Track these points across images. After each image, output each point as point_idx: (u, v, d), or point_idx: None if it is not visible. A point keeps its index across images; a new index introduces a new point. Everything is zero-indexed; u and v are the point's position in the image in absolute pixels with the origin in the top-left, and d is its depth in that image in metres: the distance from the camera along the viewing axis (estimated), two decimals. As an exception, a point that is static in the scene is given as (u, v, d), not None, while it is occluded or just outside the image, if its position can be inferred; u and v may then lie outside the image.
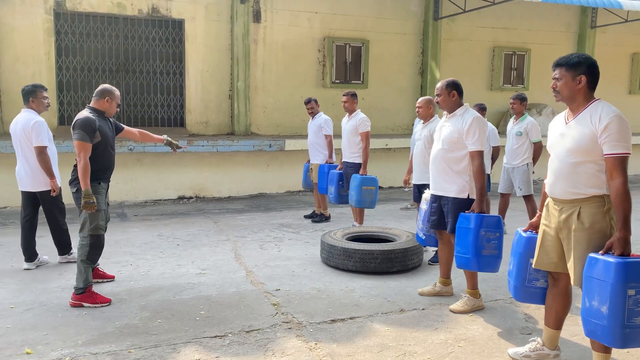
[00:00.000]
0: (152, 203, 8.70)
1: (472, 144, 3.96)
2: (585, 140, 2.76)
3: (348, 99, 6.58)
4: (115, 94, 4.30)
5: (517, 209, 7.02)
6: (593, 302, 2.63)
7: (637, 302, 2.53)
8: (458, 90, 4.09)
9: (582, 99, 2.85)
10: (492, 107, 11.08)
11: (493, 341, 3.56)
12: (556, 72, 2.91)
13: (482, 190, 3.93)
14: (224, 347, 3.42)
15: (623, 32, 12.60)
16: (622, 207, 2.65)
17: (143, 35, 9.43)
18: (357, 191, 6.10)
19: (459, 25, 11.37)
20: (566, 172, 2.85)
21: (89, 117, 4.11)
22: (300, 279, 4.81)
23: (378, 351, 3.38)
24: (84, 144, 4.02)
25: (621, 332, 2.55)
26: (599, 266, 2.63)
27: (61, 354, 3.28)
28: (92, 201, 3.99)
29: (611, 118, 2.69)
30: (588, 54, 2.99)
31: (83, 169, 3.98)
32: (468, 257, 3.87)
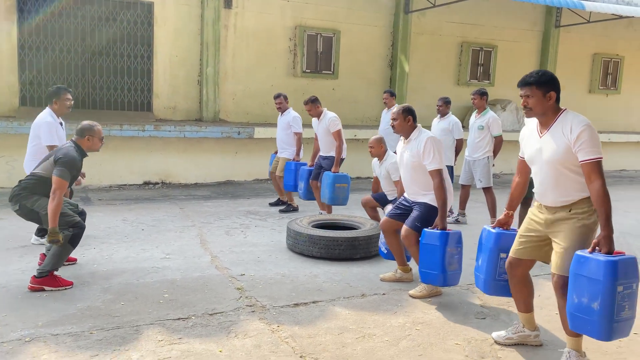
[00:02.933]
0: (117, 188, 8.58)
1: (430, 163, 4.11)
2: (561, 151, 2.94)
3: (310, 106, 6.66)
4: (95, 130, 4.25)
5: (477, 201, 7.23)
6: (582, 299, 2.75)
7: (623, 297, 2.69)
8: (413, 115, 4.28)
9: (551, 112, 3.03)
10: (459, 102, 11.33)
11: (449, 325, 3.71)
12: (525, 90, 3.05)
13: (444, 207, 4.07)
14: (187, 329, 3.46)
15: (585, 32, 13.02)
16: (603, 208, 2.81)
17: (111, 16, 9.24)
18: (330, 189, 6.21)
19: (429, 19, 11.53)
20: (552, 183, 3.02)
21: (75, 159, 4.12)
22: (265, 264, 4.87)
23: (338, 333, 3.48)
24: (64, 182, 3.99)
25: (610, 326, 2.70)
26: (589, 265, 2.73)
27: (21, 335, 3.26)
28: (58, 239, 3.96)
29: (582, 128, 2.87)
30: (548, 70, 3.13)
31: (56, 207, 3.92)
32: (435, 273, 4.00)
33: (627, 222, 7.16)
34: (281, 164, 7.21)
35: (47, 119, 5.12)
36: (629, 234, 6.51)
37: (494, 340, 3.46)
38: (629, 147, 13.47)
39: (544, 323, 3.65)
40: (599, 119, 13.80)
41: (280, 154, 7.34)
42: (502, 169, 11.35)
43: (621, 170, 13.49)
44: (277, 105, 7.36)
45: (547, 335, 3.56)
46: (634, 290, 2.74)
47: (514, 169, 11.72)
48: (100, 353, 3.08)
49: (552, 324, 3.70)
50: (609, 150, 13.10)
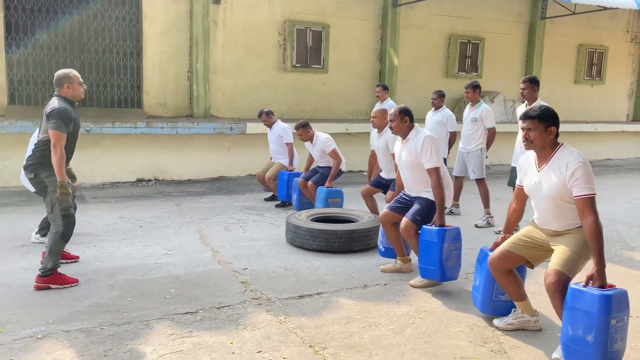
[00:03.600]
0: (110, 185, 8.56)
1: (427, 162, 4.19)
2: (557, 187, 3.07)
3: (301, 131, 6.77)
4: (71, 76, 4.19)
5: (471, 192, 7.35)
6: (577, 331, 2.84)
7: (616, 330, 2.80)
8: (410, 116, 4.35)
9: (550, 147, 3.15)
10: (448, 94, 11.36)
11: (451, 312, 3.81)
12: (527, 123, 3.15)
13: (441, 204, 4.15)
14: (196, 322, 3.51)
15: (570, 24, 13.22)
16: (596, 244, 2.91)
17: (98, 12, 9.18)
18: (323, 203, 6.33)
19: (417, 12, 11.62)
20: (555, 214, 3.16)
21: (66, 107, 4.07)
22: (266, 258, 4.93)
23: (345, 323, 3.56)
24: (61, 134, 3.97)
25: (603, 358, 2.79)
26: (584, 298, 2.82)
27: (32, 332, 3.29)
28: (68, 191, 3.98)
29: (576, 165, 3.00)
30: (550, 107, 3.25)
31: (60, 160, 3.92)
32: (433, 269, 4.09)
33: (615, 210, 7.34)
34: (276, 167, 7.29)
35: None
36: (618, 222, 6.68)
37: (496, 326, 3.57)
38: (614, 136, 13.73)
39: (542, 309, 3.76)
40: (584, 109, 14.08)
41: (276, 160, 7.43)
42: (492, 161, 11.51)
43: (607, 159, 13.76)
44: (264, 122, 7.49)
45: (546, 320, 3.67)
46: (625, 322, 2.85)
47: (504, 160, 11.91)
48: (114, 347, 3.12)
49: (550, 310, 3.79)
50: (594, 139, 13.37)
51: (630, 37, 14.70)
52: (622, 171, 11.88)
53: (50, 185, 4.06)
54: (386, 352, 3.18)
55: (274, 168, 7.31)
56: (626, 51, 14.73)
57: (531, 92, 5.52)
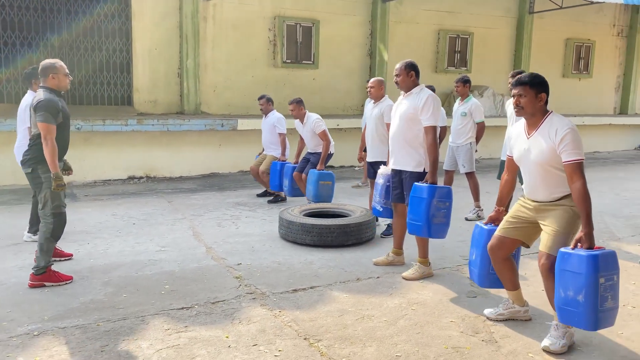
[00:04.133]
0: (102, 183, 8.55)
1: (427, 119, 4.22)
2: (547, 153, 3.12)
3: (294, 106, 6.74)
4: (56, 67, 4.14)
5: (461, 186, 7.42)
6: (568, 293, 2.93)
7: (606, 288, 2.87)
8: (416, 71, 4.36)
9: (540, 114, 3.20)
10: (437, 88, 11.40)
11: (443, 304, 3.88)
12: (518, 89, 3.20)
13: (435, 163, 4.21)
14: (192, 317, 3.55)
15: (558, 18, 13.33)
16: (584, 206, 2.99)
17: (87, 10, 9.13)
18: (315, 186, 6.33)
19: (406, 7, 11.67)
20: (542, 182, 3.21)
21: (52, 98, 4.03)
22: (260, 253, 4.97)
23: (338, 315, 3.62)
24: (50, 126, 3.95)
25: (596, 316, 2.87)
26: (572, 260, 2.91)
27: (28, 329, 3.31)
28: (63, 183, 3.99)
29: (566, 131, 3.06)
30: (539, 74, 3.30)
31: (52, 152, 3.92)
32: (420, 224, 4.15)
33: (602, 202, 7.45)
34: (268, 160, 7.30)
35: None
36: (605, 213, 6.79)
37: (486, 316, 3.64)
38: (601, 129, 13.88)
39: (531, 299, 3.84)
40: (572, 103, 14.22)
41: (268, 152, 7.44)
42: (482, 154, 11.61)
43: (594, 152, 13.91)
44: (260, 106, 7.43)
45: (535, 310, 3.75)
46: (615, 282, 2.93)
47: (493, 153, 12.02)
48: (110, 343, 3.15)
49: (539, 300, 3.90)
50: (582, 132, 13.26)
51: (616, 31, 14.86)
52: (610, 163, 12.04)
53: (45, 181, 4.06)
54: (379, 343, 3.23)
55: (267, 161, 7.31)
56: (613, 45, 14.89)
57: None
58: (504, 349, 3.21)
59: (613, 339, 3.34)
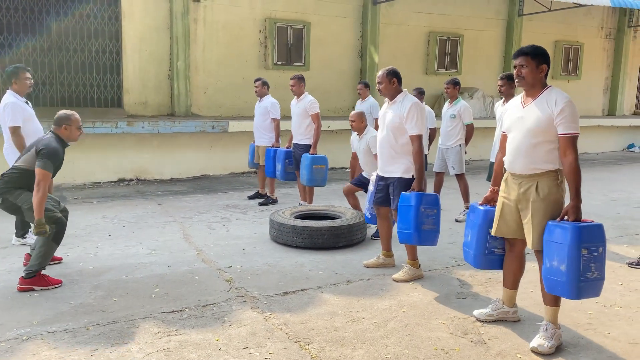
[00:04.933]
0: (92, 186, 8.50)
1: (411, 128, 4.25)
2: (543, 121, 3.14)
3: (295, 82, 6.71)
4: (72, 119, 4.21)
5: (451, 187, 7.47)
6: (553, 262, 3.03)
7: (589, 259, 2.96)
8: (398, 78, 4.38)
9: (540, 85, 3.22)
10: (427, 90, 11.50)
11: (432, 305, 3.90)
12: (520, 59, 3.22)
13: (420, 171, 4.24)
14: (182, 320, 3.55)
15: (547, 20, 13.45)
16: (574, 180, 3.05)
17: (77, 11, 9.08)
18: (308, 170, 6.29)
19: (397, 10, 11.71)
20: (526, 151, 3.22)
21: (58, 149, 4.09)
22: (251, 256, 4.97)
23: (329, 318, 3.63)
24: (47, 173, 3.97)
25: (577, 285, 2.97)
26: (557, 231, 3.02)
27: (17, 334, 3.29)
28: (45, 230, 3.97)
29: (565, 103, 3.09)
30: None
31: (41, 199, 3.91)
32: (410, 232, 4.18)
33: (591, 203, 7.53)
34: (262, 153, 7.28)
35: (9, 100, 5.02)
36: (594, 214, 6.84)
37: (476, 317, 3.66)
38: (590, 130, 13.99)
39: (520, 301, 3.87)
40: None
41: (258, 142, 7.39)
42: (472, 156, 11.67)
43: (583, 153, 14.03)
44: (255, 89, 7.37)
45: (524, 311, 3.78)
46: (600, 254, 3.00)
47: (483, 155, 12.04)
48: (100, 347, 3.14)
49: (528, 301, 3.94)
50: (571, 134, 13.62)
51: (604, 33, 15.02)
52: (598, 165, 12.16)
53: (23, 204, 4.08)
54: (370, 345, 3.25)
55: (262, 156, 7.29)
56: (601, 47, 15.04)
57: (509, 89, 5.64)
58: (492, 350, 3.24)
59: (600, 339, 3.39)
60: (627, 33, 15.07)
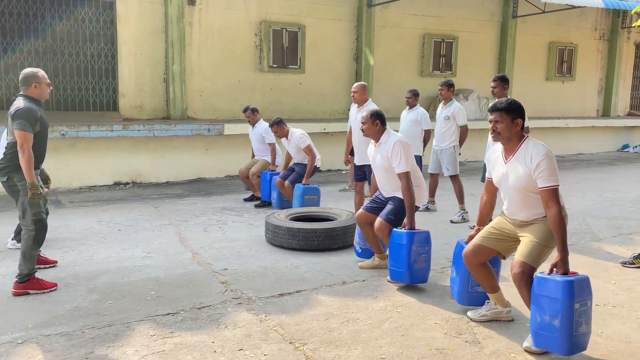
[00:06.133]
0: (87, 189, 8.50)
1: (397, 166, 4.30)
2: (523, 178, 3.20)
3: (276, 128, 6.86)
4: (39, 76, 4.15)
5: (445, 188, 7.50)
6: (544, 317, 2.98)
7: (581, 314, 2.94)
8: (381, 119, 4.47)
9: (516, 139, 3.28)
10: (422, 92, 11.57)
11: (427, 306, 3.92)
12: (495, 115, 3.27)
13: (411, 208, 4.24)
14: (178, 323, 3.55)
15: (541, 22, 13.52)
16: (560, 232, 3.06)
17: (71, 15, 9.09)
18: (300, 200, 6.42)
19: (392, 12, 11.76)
20: (521, 204, 3.29)
21: (31, 107, 4.02)
22: (246, 258, 4.99)
23: (324, 319, 3.64)
24: (27, 134, 3.92)
25: (570, 340, 2.93)
26: (549, 285, 2.97)
27: (12, 338, 3.29)
28: (40, 192, 3.96)
29: (541, 158, 3.13)
30: (516, 100, 3.37)
31: (28, 160, 3.88)
32: (401, 271, 4.16)
33: (585, 203, 7.57)
34: (260, 163, 7.34)
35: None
36: (588, 214, 6.90)
37: (470, 318, 3.68)
38: (585, 131, 14.09)
39: (514, 300, 3.89)
40: (556, 106, 14.42)
41: (260, 158, 7.49)
42: (467, 157, 11.72)
43: (578, 153, 14.11)
44: (247, 118, 7.55)
45: (517, 311, 3.80)
46: (588, 307, 3.00)
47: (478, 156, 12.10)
48: (95, 350, 3.15)
49: (521, 301, 3.93)
50: (566, 135, 13.70)
51: (598, 34, 15.10)
52: (593, 165, 12.22)
53: (22, 189, 4.03)
54: (364, 346, 3.26)
55: (259, 165, 7.33)
56: (595, 48, 15.12)
57: (501, 90, 5.68)
58: (486, 349, 3.26)
59: (593, 338, 3.40)
60: (620, 34, 15.16)
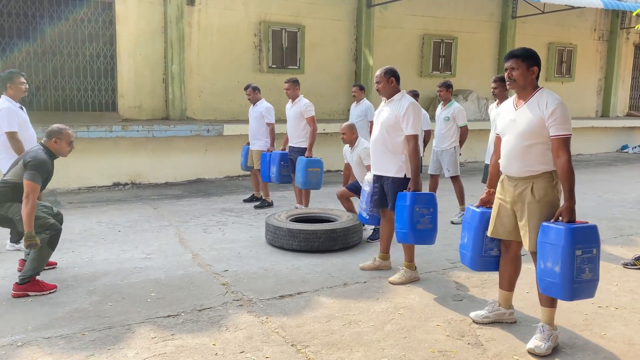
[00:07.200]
0: (86, 190, 8.47)
1: (407, 128, 4.25)
2: (534, 124, 3.15)
3: (290, 85, 6.70)
4: (63, 134, 4.20)
5: (446, 189, 7.48)
6: (547, 264, 3.03)
7: (583, 260, 2.96)
8: (396, 77, 4.37)
9: (531, 87, 3.24)
10: (422, 93, 11.56)
11: (429, 307, 3.90)
12: (511, 62, 3.24)
13: (416, 170, 4.24)
14: (178, 325, 3.53)
15: (540, 22, 13.52)
16: (568, 181, 3.06)
17: (70, 15, 9.05)
18: (303, 173, 6.28)
19: (391, 13, 11.75)
20: (520, 153, 3.23)
21: (45, 161, 4.08)
22: (247, 259, 4.96)
23: (326, 321, 3.62)
24: (36, 185, 3.96)
25: (571, 286, 2.97)
26: (551, 233, 3.02)
27: (12, 340, 3.26)
28: (36, 243, 3.95)
29: (556, 105, 3.10)
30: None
31: (30, 211, 3.90)
32: (405, 231, 4.20)
33: (584, 205, 7.55)
34: (256, 157, 7.27)
35: (4, 105, 5.01)
36: (588, 215, 6.88)
37: (472, 319, 3.67)
38: (584, 132, 14.07)
39: (517, 302, 3.88)
40: (555, 106, 14.37)
41: (253, 146, 7.38)
42: (466, 158, 11.71)
43: (577, 154, 14.10)
44: (248, 96, 7.44)
45: (520, 313, 3.79)
46: (594, 255, 3.01)
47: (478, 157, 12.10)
48: (96, 353, 3.12)
49: (525, 302, 3.94)
50: (565, 135, 13.68)
51: (597, 35, 15.11)
52: (592, 166, 12.21)
53: (14, 215, 4.08)
54: (367, 349, 3.24)
55: (256, 158, 7.27)
56: (594, 49, 15.13)
57: (502, 91, 5.66)
58: (489, 352, 3.24)
59: (596, 340, 3.39)
60: (619, 35, 15.17)
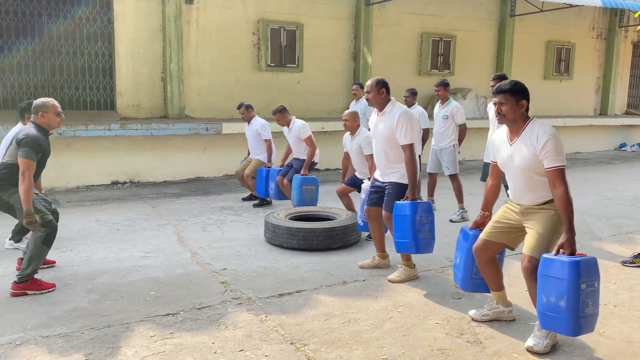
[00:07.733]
0: (85, 189, 8.45)
1: (402, 138, 4.25)
2: (529, 159, 3.17)
3: (278, 116, 6.75)
4: (48, 106, 4.17)
5: (445, 187, 7.48)
6: (550, 298, 2.96)
7: (587, 294, 2.91)
8: (386, 88, 4.39)
9: (521, 120, 3.25)
10: (421, 91, 11.54)
11: (428, 306, 3.91)
12: (499, 97, 3.25)
13: (414, 180, 4.24)
14: (177, 323, 3.53)
15: (539, 21, 13.52)
16: (567, 212, 3.03)
17: (69, 14, 9.03)
18: (298, 191, 6.35)
19: (390, 11, 11.73)
20: (526, 187, 3.26)
21: (38, 137, 4.06)
22: (246, 258, 4.96)
23: (325, 319, 3.62)
24: (31, 162, 3.95)
25: (577, 321, 2.91)
26: (554, 266, 2.95)
27: (11, 339, 3.26)
28: (35, 220, 3.95)
29: (547, 138, 3.10)
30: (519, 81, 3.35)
31: (27, 188, 3.90)
32: (407, 241, 4.17)
33: (584, 202, 7.57)
34: (254, 163, 7.28)
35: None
36: (587, 214, 6.90)
37: (471, 317, 3.67)
38: (582, 130, 14.10)
39: (515, 300, 3.89)
40: (554, 104, 14.42)
41: (253, 156, 7.43)
42: (465, 156, 11.71)
43: (576, 152, 14.12)
44: (241, 115, 7.48)
45: (519, 310, 3.79)
46: (596, 288, 2.98)
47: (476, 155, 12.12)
48: (95, 352, 3.12)
49: (523, 300, 3.94)
50: (563, 134, 13.58)
51: (596, 33, 15.11)
52: (591, 164, 12.23)
53: (15, 202, 4.07)
54: (366, 347, 3.25)
55: (252, 165, 7.30)
56: (592, 47, 15.13)
57: None
58: (488, 349, 3.25)
59: (595, 337, 3.40)
60: (618, 33, 15.17)
